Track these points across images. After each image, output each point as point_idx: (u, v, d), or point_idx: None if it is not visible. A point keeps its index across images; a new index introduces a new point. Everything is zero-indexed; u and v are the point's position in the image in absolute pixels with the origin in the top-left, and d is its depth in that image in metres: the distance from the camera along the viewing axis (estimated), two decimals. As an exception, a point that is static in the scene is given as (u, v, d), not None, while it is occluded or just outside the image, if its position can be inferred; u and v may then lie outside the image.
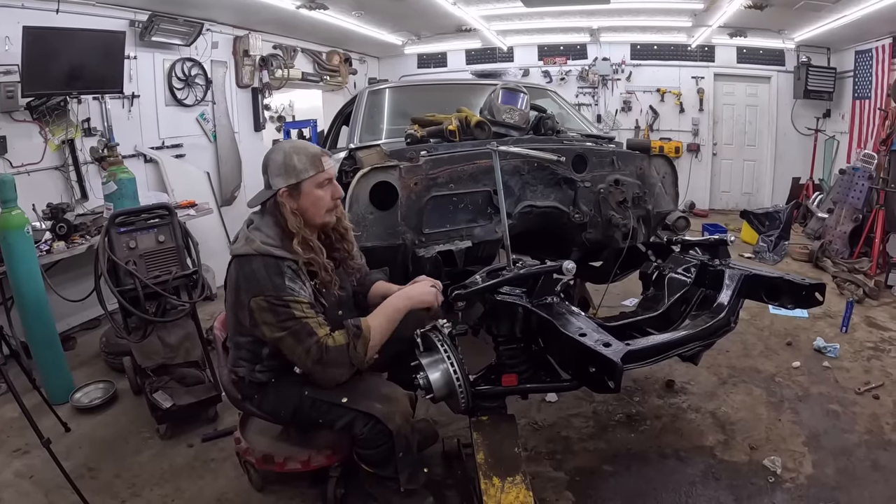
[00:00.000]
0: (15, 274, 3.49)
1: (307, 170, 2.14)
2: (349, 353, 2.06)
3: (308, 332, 2.04)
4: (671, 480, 2.71)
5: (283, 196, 2.13)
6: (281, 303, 2.04)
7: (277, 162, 2.15)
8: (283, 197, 2.13)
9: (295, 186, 2.13)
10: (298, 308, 2.05)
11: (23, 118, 4.53)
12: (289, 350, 2.08)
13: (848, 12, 6.24)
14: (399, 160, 3.05)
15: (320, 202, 2.19)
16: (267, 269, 2.07)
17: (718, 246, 2.92)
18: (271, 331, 2.06)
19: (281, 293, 2.04)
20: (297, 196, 2.15)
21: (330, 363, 2.06)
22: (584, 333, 2.05)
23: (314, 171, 2.15)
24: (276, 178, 2.14)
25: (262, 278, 2.06)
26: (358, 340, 2.07)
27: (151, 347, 3.32)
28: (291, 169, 2.13)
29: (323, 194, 2.19)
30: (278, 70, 7.37)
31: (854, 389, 3.47)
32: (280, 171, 2.14)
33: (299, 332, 2.04)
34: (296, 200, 2.15)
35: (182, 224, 3.58)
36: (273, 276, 2.06)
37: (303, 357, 2.06)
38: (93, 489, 2.68)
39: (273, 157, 2.18)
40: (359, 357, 2.07)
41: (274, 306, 2.03)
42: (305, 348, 2.04)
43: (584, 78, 9.38)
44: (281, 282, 2.06)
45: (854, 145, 7.72)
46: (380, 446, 2.20)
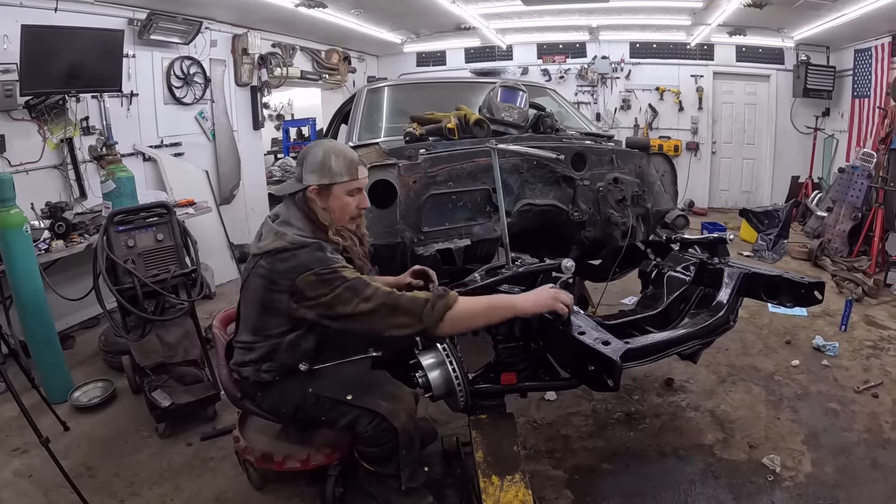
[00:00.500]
0: (13, 273, 3.48)
1: (342, 174, 2.14)
2: (423, 307, 1.98)
3: (364, 283, 2.00)
4: (670, 479, 2.71)
5: (312, 192, 2.13)
6: (329, 270, 2.00)
7: (316, 158, 2.15)
8: (312, 193, 2.13)
9: (326, 187, 2.14)
10: (348, 272, 2.03)
11: (21, 117, 4.52)
12: (345, 304, 1.97)
13: (847, 11, 6.24)
14: (398, 158, 3.05)
15: (347, 208, 2.19)
16: (309, 250, 2.05)
17: (717, 244, 2.92)
18: (328, 297, 1.99)
19: (328, 263, 2.02)
20: (327, 197, 2.15)
21: (398, 309, 1.98)
22: (584, 332, 2.04)
23: (348, 177, 2.15)
24: (309, 174, 2.14)
25: (305, 259, 2.03)
26: (439, 300, 1.99)
27: (150, 346, 3.32)
28: (327, 169, 2.13)
29: (351, 201, 2.19)
30: (277, 68, 7.36)
31: (853, 388, 3.48)
32: (316, 167, 2.13)
33: (355, 285, 1.99)
34: (324, 201, 2.15)
35: (181, 223, 3.57)
36: (315, 252, 2.04)
37: (366, 304, 1.97)
38: (92, 488, 2.68)
39: (312, 152, 2.18)
40: (433, 317, 1.96)
41: (323, 276, 1.99)
42: (366, 296, 1.97)
43: (583, 76, 9.38)
44: (324, 255, 2.04)
45: (853, 144, 7.72)
46: (383, 444, 2.20)
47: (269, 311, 2.15)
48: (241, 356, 2.33)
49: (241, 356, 2.33)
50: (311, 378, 2.25)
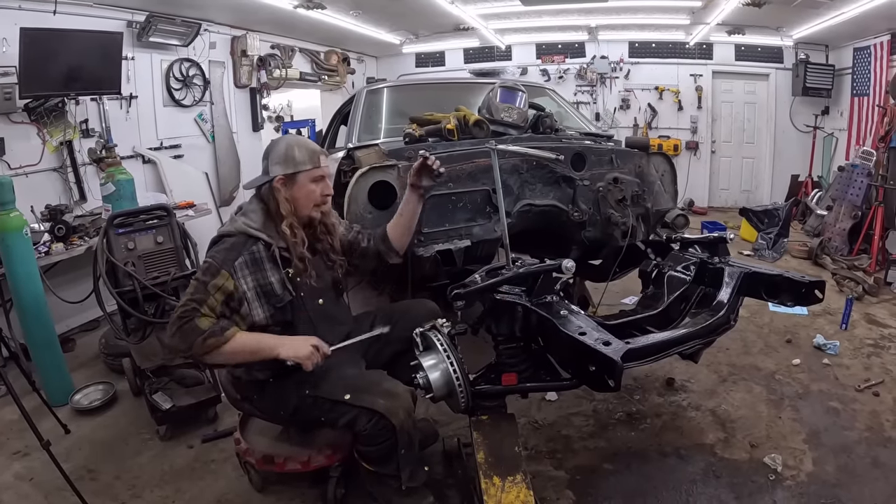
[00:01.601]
0: (14, 276, 3.48)
1: (305, 163, 2.28)
2: (196, 337, 2.06)
3: (200, 299, 2.10)
4: (671, 478, 2.71)
5: (278, 182, 2.26)
6: (211, 272, 2.14)
7: (279, 151, 2.29)
8: (279, 184, 2.26)
9: (291, 176, 2.27)
10: (217, 283, 2.13)
11: (20, 120, 4.52)
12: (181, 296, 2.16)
13: (846, 9, 6.24)
14: (397, 159, 3.04)
15: (311, 195, 2.31)
16: (232, 246, 2.20)
17: (718, 244, 2.92)
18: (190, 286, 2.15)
19: (222, 266, 2.15)
20: (292, 186, 2.27)
21: (181, 331, 2.07)
22: (584, 332, 2.04)
23: (311, 165, 2.29)
24: (274, 166, 2.28)
25: (222, 249, 2.19)
26: (213, 337, 2.07)
27: (151, 349, 3.31)
28: (291, 159, 2.26)
29: (315, 188, 2.31)
30: (276, 70, 7.37)
31: (854, 386, 3.47)
32: (280, 159, 2.27)
33: (196, 293, 2.11)
34: (289, 190, 2.27)
35: (181, 225, 3.58)
36: (231, 251, 2.19)
37: (175, 312, 2.10)
38: (93, 491, 2.68)
39: (276, 146, 2.33)
40: (201, 349, 2.07)
41: (208, 269, 2.15)
42: (182, 308, 2.09)
43: (582, 76, 9.38)
44: (232, 259, 2.17)
45: (853, 142, 7.71)
46: (382, 442, 2.21)
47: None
48: None
49: None
50: (307, 380, 2.26)
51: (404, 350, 2.35)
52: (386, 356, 2.58)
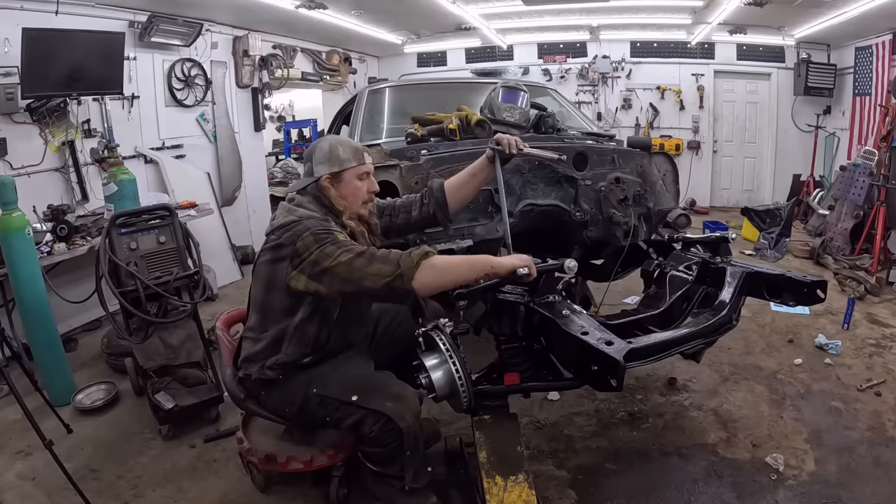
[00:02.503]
0: (16, 276, 3.48)
1: (350, 160, 2.27)
2: (400, 256, 2.00)
3: (351, 242, 2.09)
4: (674, 478, 2.71)
5: (325, 181, 2.25)
6: (325, 231, 2.09)
7: (323, 150, 2.28)
8: (326, 182, 2.25)
9: (337, 174, 2.26)
10: (343, 236, 2.12)
11: (23, 120, 4.53)
12: (328, 258, 2.02)
13: (848, 9, 6.23)
14: (400, 159, 3.05)
15: (359, 192, 2.31)
16: (315, 220, 2.14)
17: (720, 243, 2.92)
18: (313, 256, 2.03)
19: (328, 228, 2.11)
20: (338, 184, 2.27)
21: (377, 258, 2.01)
22: (587, 332, 2.05)
23: (356, 162, 2.28)
24: (319, 166, 2.26)
25: (309, 224, 2.11)
26: (417, 250, 2.01)
27: (153, 348, 3.32)
28: (336, 158, 2.26)
29: (361, 185, 2.31)
30: (278, 70, 7.37)
31: (856, 386, 3.47)
32: (325, 159, 2.26)
33: (341, 242, 2.06)
34: (337, 188, 2.27)
35: (183, 225, 3.58)
36: (320, 221, 2.15)
37: (346, 255, 2.01)
38: (95, 490, 2.68)
39: (319, 146, 2.32)
40: (409, 262, 1.97)
41: (317, 235, 2.06)
42: (348, 248, 2.03)
43: (584, 76, 9.37)
44: (328, 224, 2.14)
45: (854, 142, 7.71)
46: (388, 445, 2.20)
47: (271, 286, 2.22)
48: (248, 349, 2.35)
49: (248, 349, 2.35)
50: (315, 378, 2.27)
51: (409, 349, 2.35)
52: (390, 354, 2.59)
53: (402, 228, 2.63)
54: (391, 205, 2.62)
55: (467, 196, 2.65)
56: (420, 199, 2.59)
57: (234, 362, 2.47)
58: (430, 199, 2.56)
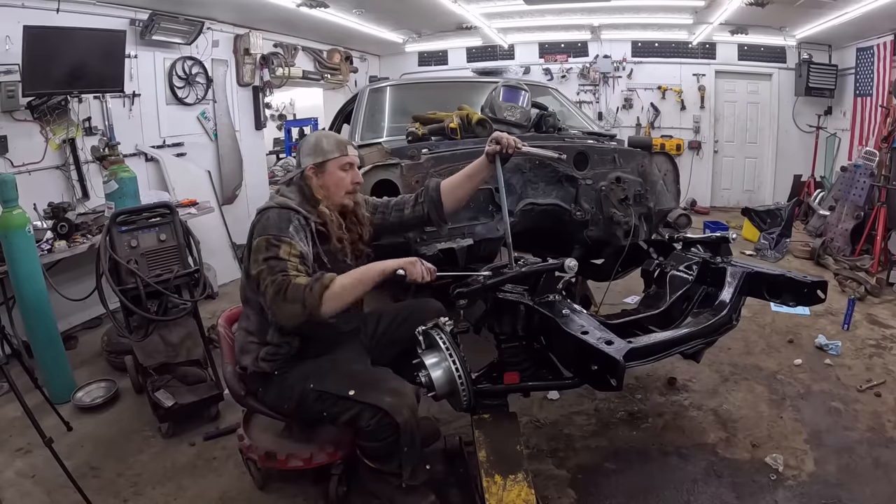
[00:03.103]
0: (16, 273, 3.49)
1: (332, 151, 2.37)
2: (304, 293, 2.05)
3: (282, 269, 2.11)
4: (673, 478, 2.71)
5: (309, 171, 2.35)
6: (276, 242, 2.15)
7: (309, 143, 2.41)
8: (310, 172, 2.35)
9: (321, 165, 2.36)
10: (286, 249, 2.14)
11: (23, 118, 4.53)
12: (262, 282, 2.11)
13: (849, 9, 6.23)
14: (400, 158, 3.05)
15: (341, 183, 2.38)
16: (279, 216, 2.22)
17: (720, 243, 2.92)
18: (256, 266, 2.14)
19: (280, 234, 2.17)
20: (322, 174, 2.36)
21: (287, 298, 2.06)
22: (587, 331, 2.05)
23: (339, 153, 2.37)
24: (305, 157, 2.38)
25: (272, 223, 2.20)
26: (316, 283, 2.07)
27: (153, 346, 3.33)
28: (319, 149, 2.37)
29: (344, 176, 2.39)
30: (279, 68, 7.37)
31: (856, 387, 3.47)
32: (310, 151, 2.38)
33: (275, 267, 2.11)
34: (320, 178, 2.36)
35: (183, 223, 3.59)
36: (282, 221, 2.21)
37: (268, 288, 2.09)
38: (95, 488, 2.68)
39: (306, 140, 2.47)
40: (313, 299, 2.05)
41: (269, 244, 2.14)
42: (272, 280, 2.09)
43: (585, 75, 9.36)
44: (286, 226, 2.20)
45: (855, 142, 7.70)
46: (385, 439, 2.21)
47: (247, 272, 2.28)
48: (241, 340, 2.42)
49: (241, 340, 2.42)
50: (312, 373, 2.29)
51: (408, 349, 2.36)
52: (390, 354, 2.59)
53: (395, 227, 2.66)
54: (385, 203, 2.64)
55: (464, 197, 2.66)
56: (415, 198, 2.61)
57: (234, 359, 2.48)
58: (425, 198, 2.57)
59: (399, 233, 2.74)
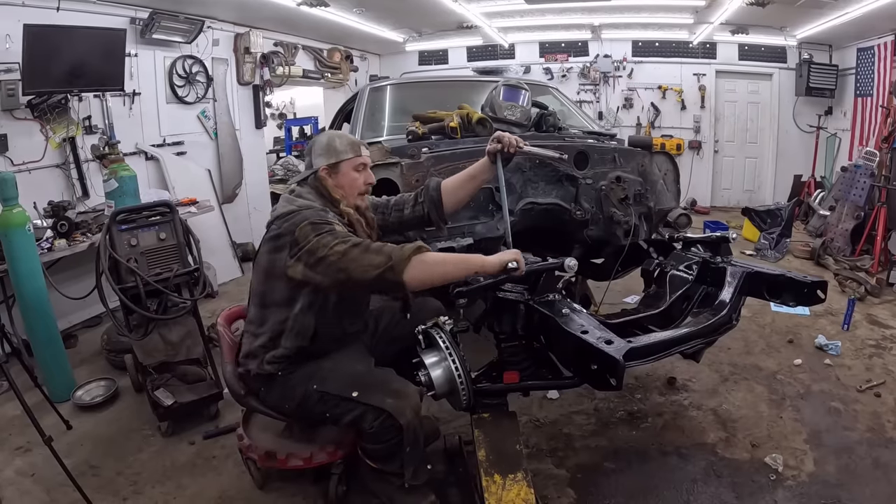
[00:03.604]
0: (16, 272, 3.48)
1: (346, 151, 2.33)
2: (392, 248, 2.03)
3: (347, 233, 2.13)
4: (673, 477, 2.71)
5: (323, 172, 2.31)
6: (322, 221, 2.13)
7: (321, 143, 2.37)
8: (324, 172, 2.31)
9: (334, 165, 2.32)
10: (340, 227, 2.15)
11: (24, 116, 4.52)
12: (324, 247, 2.05)
13: (850, 9, 6.23)
14: (400, 157, 3.05)
15: (355, 183, 2.36)
16: (313, 210, 2.19)
17: (720, 243, 2.92)
18: (310, 245, 2.06)
19: (325, 217, 2.16)
20: (336, 175, 2.33)
21: (371, 249, 2.04)
22: (587, 331, 2.04)
23: (352, 154, 2.34)
24: (318, 158, 2.34)
25: (308, 213, 2.16)
26: (409, 244, 2.05)
27: (153, 345, 3.32)
28: (333, 150, 2.33)
29: (358, 176, 2.36)
30: (279, 67, 7.36)
31: (855, 387, 3.47)
32: (322, 151, 2.34)
33: (337, 232, 2.10)
34: (335, 179, 2.32)
35: (183, 221, 3.58)
36: (318, 210, 2.20)
37: (342, 245, 2.04)
38: (94, 487, 2.68)
39: (318, 140, 2.41)
40: (401, 255, 2.00)
41: (315, 223, 2.11)
42: (343, 238, 2.07)
43: (585, 75, 9.36)
44: (325, 213, 2.19)
45: (856, 143, 7.71)
46: (388, 441, 2.21)
47: (271, 276, 2.25)
48: (248, 343, 2.37)
49: (248, 343, 2.37)
50: (315, 374, 2.28)
51: (410, 347, 2.35)
52: (391, 352, 2.59)
53: (395, 226, 2.64)
54: (385, 202, 2.63)
55: (465, 197, 2.65)
56: (415, 197, 2.60)
57: (234, 359, 2.47)
58: (425, 198, 2.56)
59: (399, 232, 2.73)
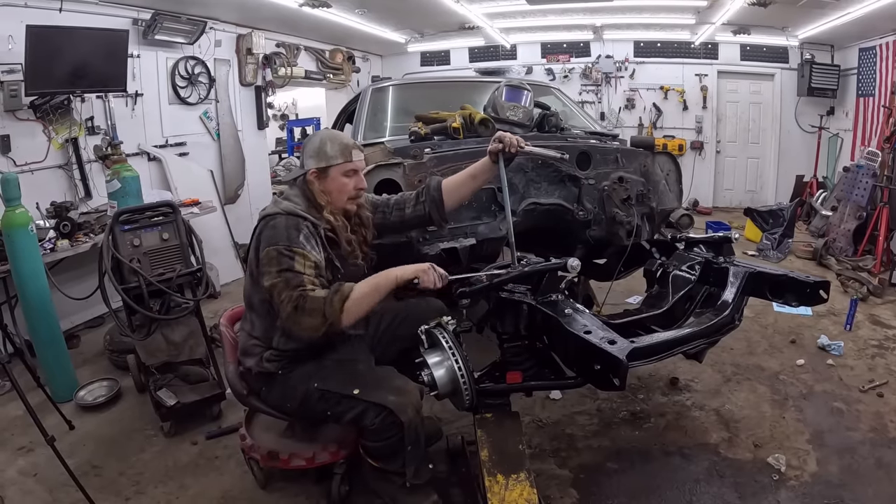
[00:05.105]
0: (19, 272, 3.49)
1: (336, 157, 2.30)
2: (324, 305, 2.04)
3: (298, 282, 2.09)
4: (675, 478, 2.71)
5: (311, 175, 2.31)
6: (288, 253, 2.12)
7: (313, 145, 2.35)
8: (312, 176, 2.31)
9: (323, 170, 2.30)
10: (301, 261, 2.12)
11: (26, 117, 4.54)
12: (277, 296, 2.09)
13: (852, 9, 6.22)
14: (403, 158, 3.05)
15: (344, 188, 2.33)
16: (287, 224, 2.18)
17: (722, 243, 2.92)
18: (270, 278, 2.11)
19: (292, 245, 2.14)
20: (325, 179, 2.31)
21: (305, 311, 2.05)
22: (589, 331, 2.04)
23: (342, 159, 2.31)
24: (308, 159, 2.33)
25: (280, 231, 2.16)
26: (335, 295, 2.06)
27: (155, 345, 3.33)
28: (323, 154, 2.30)
29: (347, 182, 2.34)
30: (281, 68, 7.37)
31: (858, 387, 3.46)
32: (313, 153, 2.32)
33: (291, 280, 2.09)
34: (322, 183, 2.31)
35: (186, 222, 3.59)
36: (290, 229, 2.17)
37: (285, 303, 2.07)
38: (97, 487, 2.68)
39: (311, 140, 2.40)
40: (333, 311, 2.04)
41: (281, 255, 2.12)
42: (289, 295, 2.07)
43: (587, 76, 9.36)
44: (296, 236, 2.16)
45: (858, 143, 7.70)
46: (389, 438, 2.21)
47: (254, 278, 2.26)
48: (244, 342, 2.41)
49: (244, 342, 2.41)
50: (316, 373, 2.28)
51: (411, 347, 2.35)
52: (392, 352, 2.59)
53: (397, 226, 2.64)
54: (385, 201, 2.63)
55: (466, 196, 2.66)
56: (416, 196, 2.60)
57: (236, 359, 2.48)
58: (427, 197, 2.56)
59: (400, 232, 2.73)
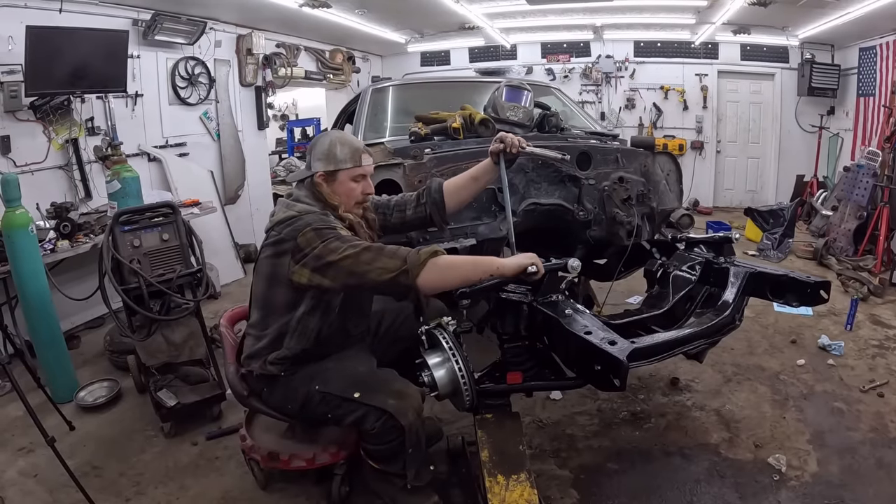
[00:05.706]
0: (19, 273, 3.49)
1: (346, 161, 2.27)
2: (408, 252, 2.00)
3: (354, 237, 2.10)
4: (676, 478, 2.71)
5: (319, 178, 2.27)
6: (326, 226, 2.11)
7: (322, 147, 2.30)
8: (320, 179, 2.27)
9: (332, 173, 2.27)
10: (345, 231, 2.15)
11: (26, 118, 4.54)
12: (333, 252, 2.03)
13: (852, 9, 6.22)
14: (403, 158, 3.05)
15: (352, 193, 2.31)
16: (315, 214, 2.17)
17: (723, 243, 2.91)
18: (317, 250, 2.04)
19: (328, 222, 2.14)
20: (332, 182, 2.28)
21: (384, 252, 2.02)
22: (590, 331, 2.04)
23: (352, 164, 2.28)
24: (316, 162, 2.29)
25: (309, 219, 2.14)
26: (424, 248, 2.02)
27: (156, 346, 3.33)
28: (332, 157, 2.27)
29: (355, 187, 2.31)
30: (281, 68, 7.37)
31: (859, 387, 3.46)
32: (322, 155, 2.28)
33: (345, 237, 2.08)
34: (331, 186, 2.28)
35: (186, 222, 3.59)
36: (320, 215, 2.17)
37: (352, 249, 2.02)
38: (97, 487, 2.69)
39: (320, 141, 2.34)
40: (416, 259, 1.98)
41: (319, 229, 2.09)
42: (353, 243, 2.05)
43: (587, 76, 9.36)
44: (327, 218, 2.17)
45: (858, 142, 7.70)
46: (390, 441, 2.21)
47: (273, 282, 2.23)
48: (250, 345, 2.37)
49: (250, 345, 2.37)
50: (317, 375, 2.28)
51: (412, 347, 2.35)
52: (393, 353, 2.58)
53: (397, 227, 2.63)
54: (386, 202, 2.62)
55: (467, 198, 2.65)
56: (416, 198, 2.59)
57: (237, 359, 2.48)
58: (428, 199, 2.56)
59: (400, 232, 2.73)
